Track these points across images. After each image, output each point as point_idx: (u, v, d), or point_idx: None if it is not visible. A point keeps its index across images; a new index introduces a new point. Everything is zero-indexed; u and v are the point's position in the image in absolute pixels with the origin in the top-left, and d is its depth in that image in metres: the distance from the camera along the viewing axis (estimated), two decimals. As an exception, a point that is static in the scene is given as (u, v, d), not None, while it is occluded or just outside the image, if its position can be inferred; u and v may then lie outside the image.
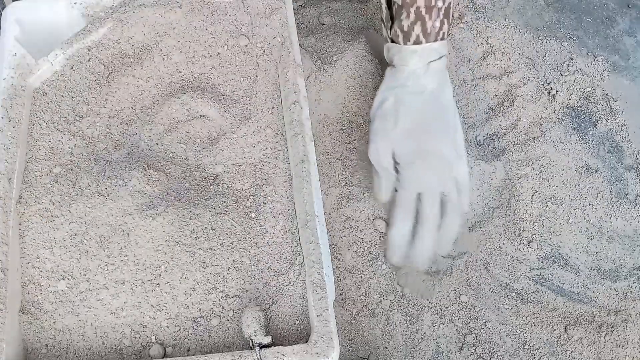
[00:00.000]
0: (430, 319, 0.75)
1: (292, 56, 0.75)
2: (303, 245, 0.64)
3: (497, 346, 0.74)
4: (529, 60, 0.94)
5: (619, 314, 0.76)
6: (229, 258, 0.64)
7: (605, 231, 0.83)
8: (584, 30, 0.98)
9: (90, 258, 0.62)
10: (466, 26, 0.94)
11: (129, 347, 0.60)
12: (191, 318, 0.61)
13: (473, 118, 0.90)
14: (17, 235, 0.63)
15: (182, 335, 0.60)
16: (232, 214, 0.66)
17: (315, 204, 0.65)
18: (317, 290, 0.60)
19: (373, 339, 0.73)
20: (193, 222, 0.64)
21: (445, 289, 0.77)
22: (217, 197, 0.67)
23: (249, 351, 0.56)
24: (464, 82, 0.92)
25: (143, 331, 0.60)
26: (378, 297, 0.76)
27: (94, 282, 0.61)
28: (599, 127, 0.90)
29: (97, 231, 0.63)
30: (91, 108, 0.72)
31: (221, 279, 0.62)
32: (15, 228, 0.63)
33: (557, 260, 0.80)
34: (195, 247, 0.63)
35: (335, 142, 0.83)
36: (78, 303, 0.60)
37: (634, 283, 0.79)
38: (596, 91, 0.92)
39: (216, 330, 0.61)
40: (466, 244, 0.81)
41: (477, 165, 0.85)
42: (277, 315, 0.62)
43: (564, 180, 0.85)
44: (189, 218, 0.64)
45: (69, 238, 0.63)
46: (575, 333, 0.75)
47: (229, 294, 0.62)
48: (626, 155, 0.88)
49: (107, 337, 0.60)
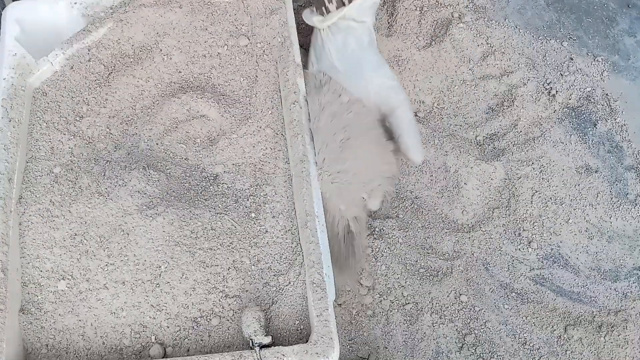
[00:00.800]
0: (430, 319, 0.75)
1: (292, 56, 0.75)
2: (303, 245, 0.64)
3: (497, 346, 0.74)
4: (529, 60, 0.94)
5: (619, 314, 0.76)
6: (229, 258, 0.64)
7: (605, 231, 0.83)
8: (584, 30, 0.98)
9: (90, 258, 0.62)
10: (466, 26, 0.94)
11: (129, 347, 0.60)
12: (191, 318, 0.61)
13: (473, 118, 0.90)
14: (18, 235, 0.63)
15: (182, 335, 0.60)
16: (232, 214, 0.66)
17: (315, 204, 0.65)
18: (317, 290, 0.60)
19: (373, 339, 0.73)
20: (193, 222, 0.64)
21: (445, 289, 0.77)
22: (217, 197, 0.67)
23: (249, 351, 0.56)
24: (464, 82, 0.92)
25: (143, 331, 0.60)
26: (378, 297, 0.76)
27: (94, 282, 0.61)
28: (599, 127, 0.90)
29: (96, 231, 0.63)
30: (91, 108, 0.72)
31: (221, 278, 0.62)
32: (16, 228, 0.63)
33: (557, 260, 0.80)
34: (196, 247, 0.63)
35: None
36: (78, 303, 0.60)
37: (634, 283, 0.79)
38: (596, 91, 0.92)
39: (216, 330, 0.61)
40: (466, 243, 0.81)
41: (477, 165, 0.85)
42: (277, 315, 0.62)
43: (564, 180, 0.85)
44: (189, 218, 0.64)
45: (69, 238, 0.63)
46: (575, 333, 0.75)
47: (229, 294, 0.62)
48: (626, 155, 0.88)
49: (107, 337, 0.60)
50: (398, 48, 0.92)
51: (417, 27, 0.94)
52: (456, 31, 0.94)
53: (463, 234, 0.81)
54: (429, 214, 0.83)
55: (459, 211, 0.83)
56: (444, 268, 0.78)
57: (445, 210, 0.83)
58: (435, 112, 0.90)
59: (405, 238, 0.80)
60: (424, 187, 0.84)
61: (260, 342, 0.57)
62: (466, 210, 0.83)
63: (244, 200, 0.68)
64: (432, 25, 0.94)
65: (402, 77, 0.91)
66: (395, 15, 0.94)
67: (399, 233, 0.80)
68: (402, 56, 0.91)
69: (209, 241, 0.64)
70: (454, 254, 0.80)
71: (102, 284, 0.61)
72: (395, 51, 0.91)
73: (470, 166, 0.84)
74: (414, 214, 0.82)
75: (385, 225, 0.80)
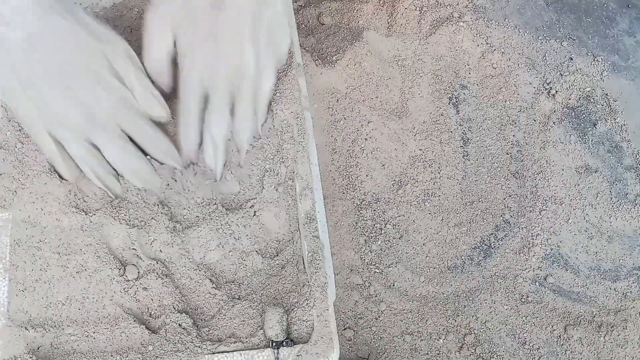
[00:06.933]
0: (430, 319, 0.75)
1: (292, 56, 0.74)
2: (303, 245, 0.64)
3: (497, 346, 0.74)
4: (529, 60, 0.94)
5: (618, 314, 0.76)
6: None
7: (605, 231, 0.83)
8: (583, 30, 0.98)
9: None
10: (466, 26, 0.94)
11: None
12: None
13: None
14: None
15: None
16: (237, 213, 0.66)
17: (316, 204, 0.65)
18: (317, 290, 0.60)
19: (373, 339, 0.73)
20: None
21: (445, 289, 0.77)
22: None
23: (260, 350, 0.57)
24: (464, 82, 0.92)
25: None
26: (378, 298, 0.76)
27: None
28: (598, 127, 0.90)
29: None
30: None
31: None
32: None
33: (557, 260, 0.80)
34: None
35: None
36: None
37: (633, 283, 0.79)
38: (596, 91, 0.93)
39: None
40: (466, 243, 0.81)
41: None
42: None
43: (563, 180, 0.85)
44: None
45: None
46: (575, 333, 0.75)
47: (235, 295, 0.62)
48: (626, 155, 0.89)
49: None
50: (398, 48, 0.92)
51: (417, 27, 0.94)
52: (456, 31, 0.94)
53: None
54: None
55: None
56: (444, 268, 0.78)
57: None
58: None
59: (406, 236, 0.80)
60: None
61: (281, 342, 0.57)
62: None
63: (245, 201, 0.68)
64: (431, 25, 0.94)
65: (402, 77, 0.91)
66: (395, 15, 0.94)
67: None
68: (402, 56, 0.91)
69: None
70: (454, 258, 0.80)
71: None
72: (395, 51, 0.91)
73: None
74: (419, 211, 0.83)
75: (389, 222, 0.81)
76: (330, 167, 0.84)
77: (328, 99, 0.87)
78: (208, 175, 0.65)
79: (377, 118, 0.86)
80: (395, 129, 0.86)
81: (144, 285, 0.60)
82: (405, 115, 0.87)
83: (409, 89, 0.90)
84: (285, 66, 0.71)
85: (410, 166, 0.85)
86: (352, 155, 0.84)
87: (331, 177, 0.83)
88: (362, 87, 0.87)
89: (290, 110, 0.70)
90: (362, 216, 0.81)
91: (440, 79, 0.91)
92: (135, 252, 0.62)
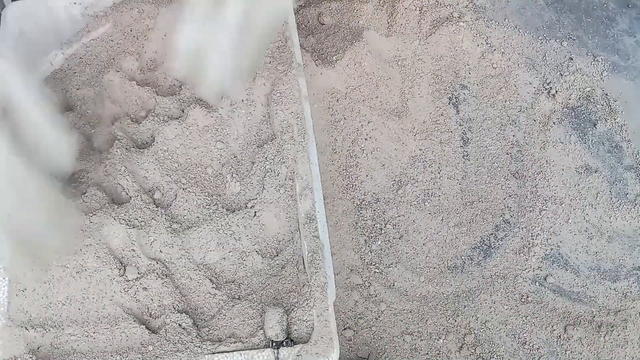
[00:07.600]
0: (430, 319, 0.75)
1: (292, 56, 0.75)
2: (303, 245, 0.64)
3: (497, 346, 0.74)
4: (529, 60, 0.94)
5: (618, 314, 0.77)
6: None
7: (605, 231, 0.83)
8: (583, 30, 0.98)
9: None
10: (466, 26, 0.94)
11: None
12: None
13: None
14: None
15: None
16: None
17: (316, 204, 0.65)
18: (317, 290, 0.60)
19: (373, 339, 0.74)
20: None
21: (445, 289, 0.77)
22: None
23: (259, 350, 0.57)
24: (464, 82, 0.92)
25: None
26: (378, 298, 0.76)
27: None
28: (598, 127, 0.90)
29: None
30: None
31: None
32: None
33: (557, 260, 0.80)
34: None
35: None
36: None
37: (633, 283, 0.79)
38: (596, 91, 0.93)
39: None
40: (465, 243, 0.81)
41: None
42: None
43: (563, 180, 0.85)
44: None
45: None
46: (575, 333, 0.75)
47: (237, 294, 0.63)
48: (626, 155, 0.89)
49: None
50: (398, 48, 0.92)
51: (417, 27, 0.94)
52: (456, 31, 0.94)
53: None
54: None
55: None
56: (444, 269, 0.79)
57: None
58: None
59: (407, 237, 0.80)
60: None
61: (280, 342, 0.58)
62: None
63: (245, 201, 0.68)
64: (431, 25, 0.94)
65: (402, 77, 0.91)
66: (395, 15, 0.94)
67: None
68: (402, 56, 0.91)
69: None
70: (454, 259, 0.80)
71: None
72: (395, 51, 0.92)
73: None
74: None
75: (391, 223, 0.81)
76: (330, 167, 0.84)
77: (328, 99, 0.87)
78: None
79: (377, 118, 0.86)
80: (395, 129, 0.86)
81: (144, 285, 0.60)
82: (405, 115, 0.87)
83: (409, 89, 0.90)
84: (286, 66, 0.71)
85: (410, 166, 0.85)
86: (352, 155, 0.84)
87: (331, 177, 0.83)
88: (362, 87, 0.87)
89: (290, 110, 0.70)
90: (362, 216, 0.81)
91: (440, 79, 0.91)
92: (135, 253, 0.62)
